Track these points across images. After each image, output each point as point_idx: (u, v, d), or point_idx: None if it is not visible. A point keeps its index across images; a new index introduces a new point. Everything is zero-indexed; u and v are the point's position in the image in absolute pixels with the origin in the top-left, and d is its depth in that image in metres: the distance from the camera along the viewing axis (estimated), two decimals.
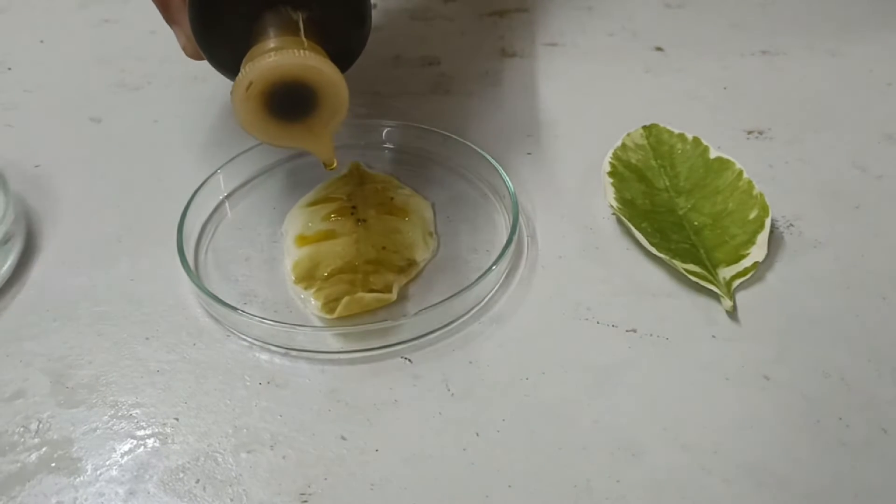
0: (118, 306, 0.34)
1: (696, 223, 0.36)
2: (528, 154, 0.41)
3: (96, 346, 0.32)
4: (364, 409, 0.30)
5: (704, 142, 0.39)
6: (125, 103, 0.46)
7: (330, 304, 0.32)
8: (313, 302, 0.33)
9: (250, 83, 0.29)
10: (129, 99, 0.47)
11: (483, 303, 0.33)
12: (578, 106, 0.44)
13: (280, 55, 0.28)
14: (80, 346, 0.32)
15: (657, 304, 0.33)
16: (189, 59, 0.38)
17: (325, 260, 0.34)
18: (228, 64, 0.33)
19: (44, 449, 0.29)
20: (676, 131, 0.40)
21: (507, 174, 0.37)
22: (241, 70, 0.29)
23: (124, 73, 0.48)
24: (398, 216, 0.36)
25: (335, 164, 0.33)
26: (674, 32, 0.50)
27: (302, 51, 0.29)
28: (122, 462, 0.28)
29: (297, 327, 0.31)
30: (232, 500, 0.27)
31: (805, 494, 0.27)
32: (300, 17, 0.31)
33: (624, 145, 0.39)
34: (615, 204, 0.36)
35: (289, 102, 0.30)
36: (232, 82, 0.30)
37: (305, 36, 0.30)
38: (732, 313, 0.32)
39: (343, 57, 0.32)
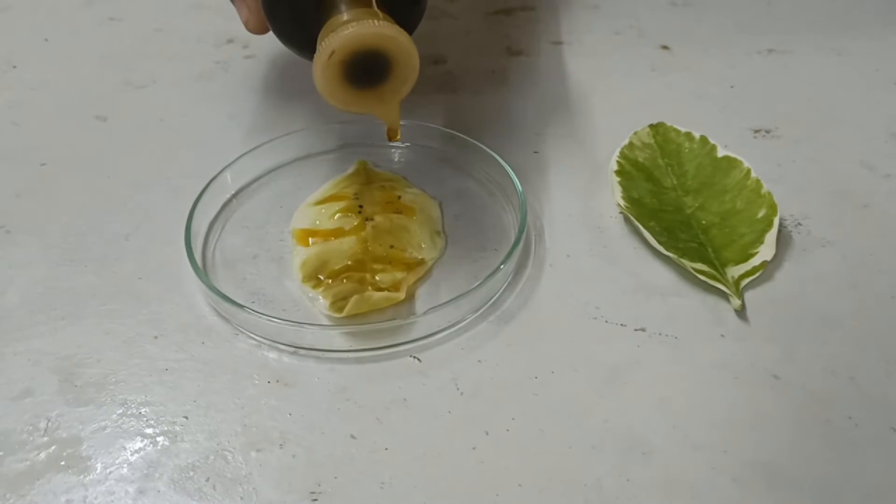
0: (126, 305, 0.34)
1: (704, 222, 0.36)
2: (536, 153, 0.41)
3: (104, 345, 0.32)
4: (373, 407, 0.30)
5: (712, 140, 0.39)
6: (131, 101, 0.46)
7: (338, 303, 0.32)
8: (321, 300, 0.33)
9: (332, 51, 0.30)
10: (134, 97, 0.46)
11: (491, 302, 0.33)
12: (585, 104, 0.44)
13: (360, 25, 0.30)
14: (88, 344, 0.32)
15: (666, 304, 0.33)
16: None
17: (333, 258, 0.34)
18: (294, 35, 0.35)
19: (53, 447, 0.29)
20: (683, 130, 0.40)
21: (514, 173, 0.37)
22: (321, 42, 0.31)
23: (130, 72, 0.48)
24: (406, 215, 0.36)
25: (399, 135, 0.35)
26: (680, 31, 0.50)
27: (379, 20, 0.30)
28: (132, 460, 0.28)
29: (306, 326, 0.31)
30: (242, 498, 0.27)
31: (814, 493, 0.27)
32: None
33: (631, 144, 0.39)
34: (623, 203, 0.36)
35: (364, 71, 0.31)
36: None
37: (376, 6, 0.32)
38: (741, 312, 0.32)
39: (406, 27, 0.34)
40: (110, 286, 0.35)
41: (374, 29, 0.30)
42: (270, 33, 0.37)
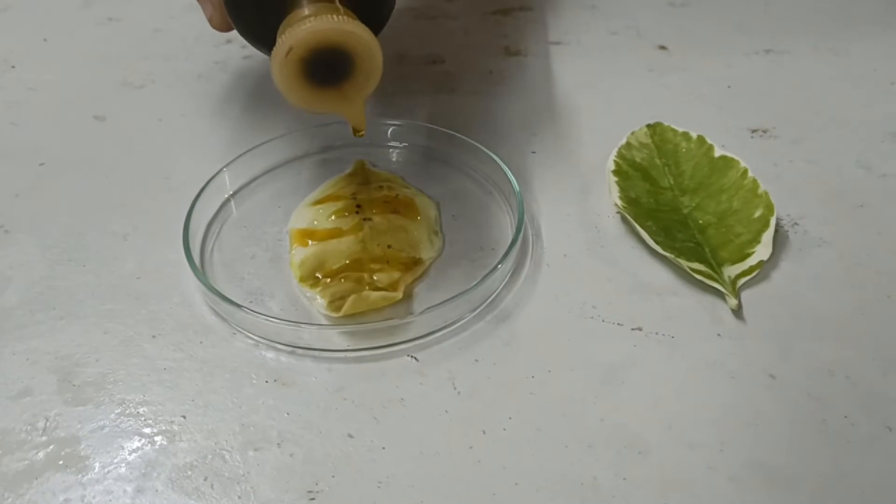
0: (124, 304, 0.34)
1: (700, 222, 0.36)
2: (533, 153, 0.41)
3: (103, 344, 0.32)
4: (371, 407, 0.30)
5: (709, 140, 0.39)
6: (129, 101, 0.46)
7: (336, 303, 0.32)
8: (319, 300, 0.33)
9: (290, 48, 0.29)
10: (133, 97, 0.47)
11: (489, 301, 0.33)
12: (583, 104, 0.44)
13: (318, 20, 0.29)
14: (86, 344, 0.32)
15: (662, 303, 0.33)
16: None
17: (330, 258, 0.34)
18: (258, 32, 0.34)
19: (51, 447, 0.29)
20: (681, 130, 0.40)
21: (512, 173, 0.37)
22: (280, 37, 0.30)
23: (128, 72, 0.48)
24: (403, 214, 0.36)
25: (364, 131, 0.34)
26: (677, 31, 0.50)
27: (339, 16, 0.29)
28: (130, 460, 0.28)
29: (304, 325, 0.31)
30: (240, 497, 0.27)
31: (811, 492, 0.27)
32: None
33: (628, 144, 0.40)
34: (620, 202, 0.36)
35: (325, 68, 0.30)
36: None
37: (339, 2, 0.31)
38: (738, 312, 0.32)
39: (370, 24, 0.33)
40: (109, 286, 0.35)
41: (333, 24, 0.29)
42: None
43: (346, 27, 0.29)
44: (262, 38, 0.34)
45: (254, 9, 0.34)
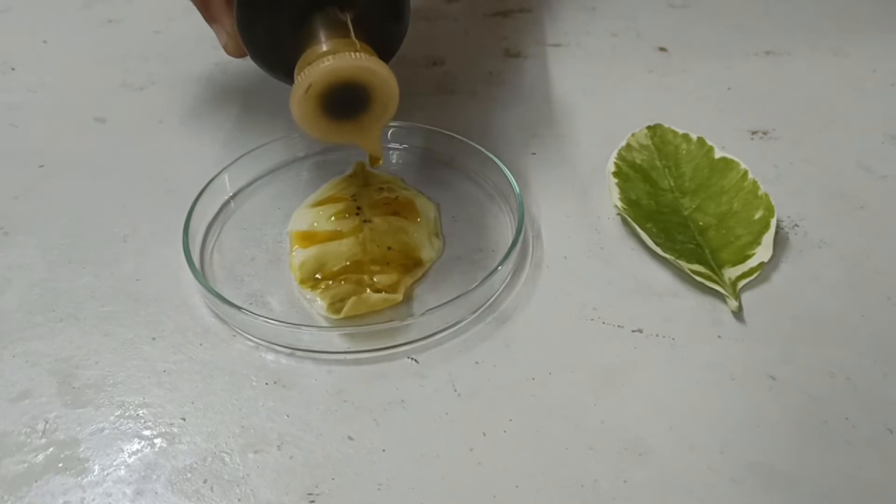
0: (124, 306, 0.34)
1: (701, 223, 0.36)
2: (533, 154, 0.41)
3: (103, 347, 0.32)
4: (371, 409, 0.30)
5: (709, 142, 0.39)
6: (129, 103, 0.46)
7: (336, 305, 0.32)
8: (319, 302, 0.33)
9: (309, 85, 0.30)
10: (133, 99, 0.47)
11: (489, 303, 0.33)
12: (583, 106, 0.44)
13: (337, 59, 0.30)
14: (86, 346, 0.32)
15: (663, 305, 0.33)
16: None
17: (330, 260, 0.34)
18: (272, 61, 0.35)
19: (51, 449, 0.29)
20: (681, 131, 0.40)
21: (512, 174, 0.37)
22: (298, 74, 0.31)
23: (128, 73, 0.48)
24: (403, 216, 0.36)
25: (382, 160, 0.34)
26: (678, 33, 0.50)
27: (357, 53, 0.30)
28: (130, 462, 0.28)
29: (304, 327, 0.31)
30: (239, 499, 0.27)
31: (811, 494, 0.27)
32: (348, 18, 0.33)
33: (629, 145, 0.39)
34: (620, 204, 0.36)
35: (343, 101, 0.31)
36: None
37: (354, 35, 0.32)
38: (738, 313, 0.32)
39: (385, 51, 0.34)
40: (108, 287, 0.35)
41: (351, 62, 0.30)
42: None
43: (364, 64, 0.30)
44: (278, 67, 0.35)
45: (268, 39, 0.34)
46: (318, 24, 0.32)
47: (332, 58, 0.30)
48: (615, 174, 0.38)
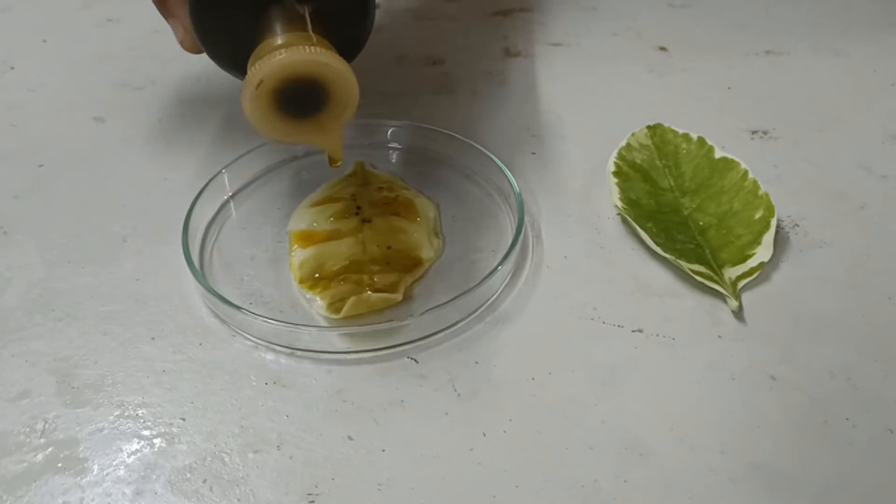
0: (123, 306, 0.34)
1: (701, 223, 0.36)
2: (533, 154, 0.41)
3: (102, 346, 0.32)
4: (370, 409, 0.30)
5: (709, 142, 0.39)
6: (129, 103, 0.46)
7: (335, 304, 0.32)
8: (319, 302, 0.33)
9: (260, 81, 0.28)
10: (132, 98, 0.46)
11: (489, 303, 0.33)
12: (583, 106, 0.44)
13: (290, 52, 0.28)
14: (85, 345, 0.32)
15: (663, 305, 0.33)
16: (189, 54, 0.38)
17: (330, 260, 0.34)
18: (229, 57, 0.33)
19: (50, 449, 0.29)
20: (681, 131, 0.40)
21: (512, 174, 0.37)
22: (250, 68, 0.29)
23: (128, 73, 0.48)
24: (403, 216, 0.36)
25: (342, 161, 0.33)
26: (678, 32, 0.50)
27: (312, 47, 0.28)
28: (129, 462, 0.28)
29: (303, 327, 0.31)
30: (239, 500, 0.27)
31: (812, 494, 0.27)
32: (306, 11, 0.31)
33: (629, 145, 0.39)
34: (620, 204, 0.36)
35: (299, 99, 0.29)
36: (229, 75, 0.29)
37: (312, 30, 0.30)
38: (738, 313, 0.32)
39: (348, 48, 0.32)
40: (108, 287, 0.35)
41: (305, 56, 0.28)
42: None
43: (318, 58, 0.28)
44: (234, 64, 0.33)
45: (225, 35, 0.32)
46: (275, 18, 0.31)
47: (285, 51, 0.28)
48: (615, 174, 0.38)
